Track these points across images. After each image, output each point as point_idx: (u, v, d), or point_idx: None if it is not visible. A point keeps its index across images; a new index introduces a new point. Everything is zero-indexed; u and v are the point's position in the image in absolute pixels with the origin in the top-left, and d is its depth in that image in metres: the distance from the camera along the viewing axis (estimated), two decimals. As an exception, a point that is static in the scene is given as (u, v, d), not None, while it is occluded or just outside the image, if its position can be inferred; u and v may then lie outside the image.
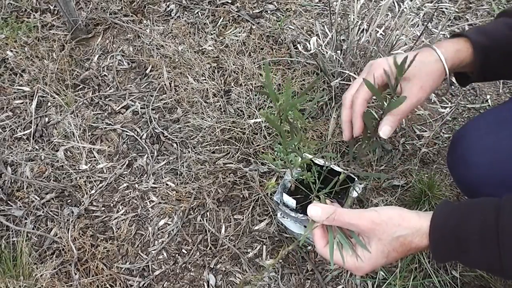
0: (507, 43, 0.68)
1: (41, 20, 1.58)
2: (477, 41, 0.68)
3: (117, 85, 1.42)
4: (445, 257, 0.58)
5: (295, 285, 1.04)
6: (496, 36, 0.69)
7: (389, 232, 0.58)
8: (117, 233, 1.13)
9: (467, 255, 0.56)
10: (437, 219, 0.58)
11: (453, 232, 0.56)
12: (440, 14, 1.62)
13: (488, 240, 0.54)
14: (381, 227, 0.58)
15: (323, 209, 0.61)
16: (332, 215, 0.60)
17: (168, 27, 1.56)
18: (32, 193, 1.20)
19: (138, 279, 1.06)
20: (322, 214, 0.61)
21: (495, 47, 0.68)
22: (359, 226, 0.59)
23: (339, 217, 0.60)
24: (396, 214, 0.59)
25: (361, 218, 0.59)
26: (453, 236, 0.56)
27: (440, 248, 0.58)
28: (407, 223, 0.58)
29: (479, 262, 0.57)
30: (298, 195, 0.94)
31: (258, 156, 1.23)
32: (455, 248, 0.56)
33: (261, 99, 1.34)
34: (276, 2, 1.63)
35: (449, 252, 0.57)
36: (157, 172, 1.23)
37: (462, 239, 0.56)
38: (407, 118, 1.32)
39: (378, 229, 0.58)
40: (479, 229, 0.55)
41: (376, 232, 0.58)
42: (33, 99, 1.38)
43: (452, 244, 0.56)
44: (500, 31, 0.69)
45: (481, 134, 0.74)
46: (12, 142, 1.30)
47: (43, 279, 1.03)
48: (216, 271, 1.07)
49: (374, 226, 0.58)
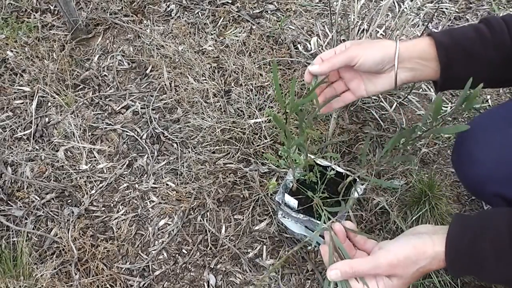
0: (468, 44, 0.68)
1: (41, 20, 1.58)
2: (440, 39, 0.69)
3: (117, 85, 1.42)
4: (462, 274, 0.61)
5: (295, 285, 1.04)
6: (459, 36, 0.69)
7: (409, 271, 0.60)
8: (117, 233, 1.13)
9: (483, 271, 0.58)
10: (451, 240, 0.59)
11: (468, 251, 0.58)
12: (440, 14, 1.62)
13: (503, 256, 0.56)
14: (400, 269, 0.60)
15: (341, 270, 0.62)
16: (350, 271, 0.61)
17: (168, 27, 1.56)
18: (32, 193, 1.20)
19: (138, 279, 1.06)
20: (342, 275, 0.62)
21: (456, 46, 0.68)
22: (379, 274, 0.61)
23: (357, 270, 0.61)
24: (411, 251, 0.61)
25: (379, 266, 0.60)
26: (468, 255, 0.58)
27: (456, 267, 0.59)
28: (423, 255, 0.60)
29: (496, 278, 0.59)
30: (300, 196, 0.94)
31: (258, 156, 1.23)
32: (471, 266, 0.58)
33: (261, 99, 1.34)
34: (276, 2, 1.63)
35: (466, 270, 0.59)
36: (157, 172, 1.23)
37: (476, 257, 0.57)
38: (407, 118, 1.31)
39: (398, 270, 0.60)
40: (493, 246, 0.56)
41: (397, 273, 0.60)
42: (33, 99, 1.38)
43: (468, 262, 0.58)
44: (465, 33, 0.70)
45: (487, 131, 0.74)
46: (12, 142, 1.30)
47: (43, 279, 1.03)
48: (216, 271, 1.07)
49: (394, 269, 0.60)
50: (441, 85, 0.71)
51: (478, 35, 0.68)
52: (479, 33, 0.69)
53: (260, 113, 1.30)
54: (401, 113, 1.31)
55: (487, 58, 0.68)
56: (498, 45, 0.68)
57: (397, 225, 1.08)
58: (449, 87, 0.74)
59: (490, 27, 0.68)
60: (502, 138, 0.72)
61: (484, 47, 0.68)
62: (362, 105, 1.31)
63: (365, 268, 0.61)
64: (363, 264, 0.61)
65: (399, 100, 1.33)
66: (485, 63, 0.69)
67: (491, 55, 0.68)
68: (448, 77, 0.70)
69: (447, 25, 1.57)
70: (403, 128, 1.29)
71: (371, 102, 1.32)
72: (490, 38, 0.68)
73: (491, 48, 0.68)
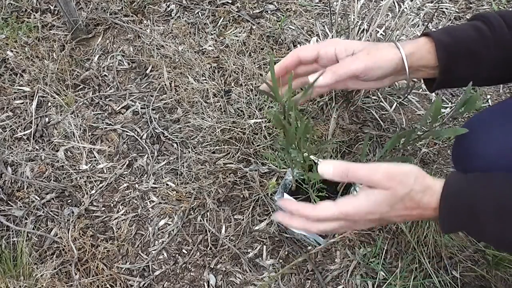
0: (469, 43, 0.67)
1: (41, 20, 1.58)
2: (438, 38, 0.67)
3: (117, 85, 1.42)
4: (453, 225, 0.57)
5: (295, 285, 1.04)
6: (459, 35, 0.68)
7: (405, 185, 0.55)
8: (117, 233, 1.13)
9: (478, 225, 0.55)
10: (451, 185, 0.56)
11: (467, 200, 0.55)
12: (440, 14, 1.62)
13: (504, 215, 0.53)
14: (397, 180, 0.55)
15: (335, 166, 0.57)
16: (344, 172, 0.56)
17: (168, 27, 1.56)
18: (32, 193, 1.20)
19: (138, 279, 1.06)
20: (335, 172, 0.57)
21: (457, 46, 0.67)
22: (373, 180, 0.56)
23: (353, 173, 0.56)
24: (412, 169, 0.57)
25: (377, 171, 0.55)
26: (466, 204, 0.55)
27: (450, 216, 0.56)
28: (421, 180, 0.56)
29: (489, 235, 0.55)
30: (299, 195, 0.95)
31: (258, 156, 1.23)
32: (466, 216, 0.55)
33: (261, 99, 1.34)
34: (276, 2, 1.63)
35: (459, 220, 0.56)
36: (157, 172, 1.23)
37: (475, 210, 0.54)
38: (407, 119, 1.32)
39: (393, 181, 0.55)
40: (496, 202, 0.54)
41: (392, 184, 0.55)
42: (33, 99, 1.38)
43: (465, 215, 0.55)
44: (465, 31, 0.68)
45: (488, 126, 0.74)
46: (12, 142, 1.30)
47: (43, 279, 1.03)
48: (216, 271, 1.07)
49: (390, 178, 0.55)
50: (438, 84, 0.70)
51: (479, 33, 0.68)
52: (479, 31, 0.68)
53: (260, 113, 1.30)
54: (401, 113, 1.31)
55: (489, 56, 0.68)
56: (499, 43, 0.67)
57: (397, 225, 1.08)
58: (445, 87, 0.73)
59: (489, 24, 0.68)
60: (501, 133, 0.71)
61: (486, 46, 0.67)
62: (362, 105, 1.31)
63: (361, 172, 0.56)
64: (360, 168, 0.56)
65: (399, 100, 1.34)
66: (486, 62, 0.68)
67: (492, 54, 0.67)
68: (447, 77, 0.69)
69: (447, 25, 1.57)
70: (403, 128, 1.29)
71: (371, 102, 1.32)
72: (491, 36, 0.67)
73: (492, 46, 0.67)
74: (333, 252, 1.09)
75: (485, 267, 1.04)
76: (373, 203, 0.56)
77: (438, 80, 0.70)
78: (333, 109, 1.30)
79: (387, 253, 1.07)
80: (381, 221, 0.59)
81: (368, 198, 0.56)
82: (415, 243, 1.05)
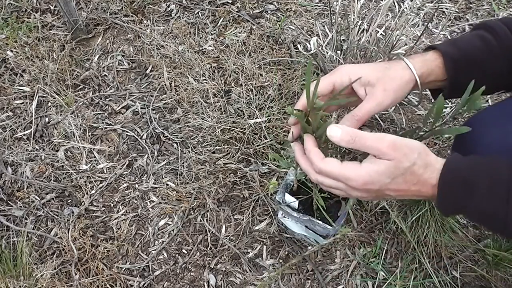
0: (477, 54, 0.68)
1: (41, 20, 1.58)
2: (446, 51, 0.68)
3: (117, 85, 1.42)
4: (450, 203, 0.57)
5: (295, 285, 1.04)
6: (466, 47, 0.69)
7: (409, 158, 0.56)
8: (117, 233, 1.13)
9: (472, 201, 0.55)
10: (450, 163, 0.57)
11: (464, 176, 0.56)
12: (440, 14, 1.62)
13: (497, 192, 0.54)
14: (402, 151, 0.56)
15: (343, 130, 0.57)
16: (352, 137, 0.57)
17: (168, 27, 1.56)
18: (32, 193, 1.20)
19: (138, 279, 1.06)
20: (342, 136, 0.57)
21: (465, 58, 0.68)
22: (379, 149, 0.56)
23: (359, 140, 0.57)
24: (417, 144, 0.57)
25: (382, 140, 0.56)
26: (463, 181, 0.55)
27: (447, 191, 0.56)
28: (425, 156, 0.57)
29: (483, 214, 0.56)
30: (300, 195, 0.95)
31: (258, 156, 1.23)
32: (462, 193, 0.56)
33: (261, 99, 1.34)
34: (276, 2, 1.63)
35: (455, 196, 0.56)
36: (157, 172, 1.23)
37: (471, 183, 0.55)
38: (407, 119, 1.32)
39: (398, 152, 0.56)
40: (490, 179, 0.54)
41: (396, 155, 0.55)
42: (33, 99, 1.38)
43: (460, 188, 0.56)
44: (471, 42, 0.69)
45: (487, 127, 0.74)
46: (12, 142, 1.30)
47: (43, 279, 1.03)
48: (216, 271, 1.07)
49: (395, 148, 0.56)
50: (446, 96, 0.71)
51: (484, 43, 0.68)
52: (485, 41, 0.68)
53: (260, 113, 1.30)
54: (401, 113, 1.31)
55: (496, 66, 0.68)
56: (505, 52, 0.68)
57: (397, 225, 1.08)
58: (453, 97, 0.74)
59: (493, 33, 0.68)
60: (501, 134, 0.72)
61: (492, 54, 0.68)
62: (362, 105, 1.31)
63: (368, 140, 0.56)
64: (367, 136, 0.57)
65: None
66: (493, 72, 0.69)
67: (499, 63, 0.68)
68: (455, 89, 0.69)
69: (447, 25, 1.57)
70: (403, 128, 1.29)
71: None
72: (496, 45, 0.68)
73: (498, 54, 0.68)
74: (333, 252, 1.09)
75: (485, 267, 1.03)
76: (375, 173, 0.56)
77: (447, 91, 0.70)
78: (333, 109, 1.30)
79: (387, 253, 1.07)
80: (378, 194, 0.59)
81: (371, 167, 0.57)
82: (415, 243, 1.05)
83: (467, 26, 1.58)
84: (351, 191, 0.60)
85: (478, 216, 0.58)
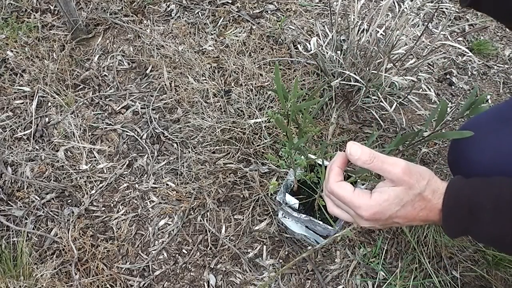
0: None
1: (41, 20, 1.58)
2: None
3: (117, 85, 1.42)
4: (456, 227, 0.58)
5: (295, 285, 1.04)
6: None
7: (420, 183, 0.57)
8: (117, 233, 1.13)
9: (478, 225, 0.56)
10: (452, 186, 0.58)
11: (467, 200, 0.56)
12: (440, 14, 1.62)
13: (502, 214, 0.54)
14: (415, 177, 0.57)
15: (363, 151, 0.58)
16: (371, 157, 0.57)
17: (168, 27, 1.56)
18: (32, 193, 1.20)
19: (139, 279, 1.06)
20: (362, 156, 0.58)
21: None
22: (395, 173, 0.57)
23: (377, 161, 0.57)
24: (427, 171, 0.59)
25: (396, 165, 0.57)
26: (467, 204, 0.56)
27: (452, 216, 0.57)
28: (434, 182, 0.58)
29: (488, 235, 0.57)
30: (301, 196, 0.95)
31: (258, 156, 1.23)
32: (467, 218, 0.56)
33: (261, 99, 1.34)
34: (276, 2, 1.63)
35: (461, 221, 0.57)
36: (157, 172, 1.23)
37: (475, 207, 0.55)
38: (407, 119, 1.32)
39: (411, 179, 0.56)
40: (494, 201, 0.55)
41: (409, 180, 0.56)
42: (33, 99, 1.38)
43: (465, 213, 0.56)
44: None
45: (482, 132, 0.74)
46: (12, 142, 1.30)
47: (43, 279, 1.03)
48: (216, 271, 1.07)
49: (408, 174, 0.56)
50: None
51: None
52: None
53: (260, 113, 1.30)
54: (401, 113, 1.31)
55: None
56: None
57: (397, 225, 1.08)
58: None
59: None
60: (496, 139, 0.72)
61: None
62: (362, 105, 1.31)
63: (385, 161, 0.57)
64: (383, 158, 0.57)
65: (399, 100, 1.34)
66: None
67: None
68: None
69: (447, 25, 1.57)
70: (403, 128, 1.29)
71: (371, 102, 1.32)
72: None
73: None
74: (333, 252, 1.09)
75: (485, 267, 1.03)
76: (384, 201, 0.57)
77: None
78: (333, 109, 1.30)
79: (387, 253, 1.07)
80: (386, 222, 0.60)
81: (381, 197, 0.57)
82: (415, 243, 1.05)
83: (467, 26, 1.58)
84: (359, 220, 0.60)
85: (485, 238, 0.59)
